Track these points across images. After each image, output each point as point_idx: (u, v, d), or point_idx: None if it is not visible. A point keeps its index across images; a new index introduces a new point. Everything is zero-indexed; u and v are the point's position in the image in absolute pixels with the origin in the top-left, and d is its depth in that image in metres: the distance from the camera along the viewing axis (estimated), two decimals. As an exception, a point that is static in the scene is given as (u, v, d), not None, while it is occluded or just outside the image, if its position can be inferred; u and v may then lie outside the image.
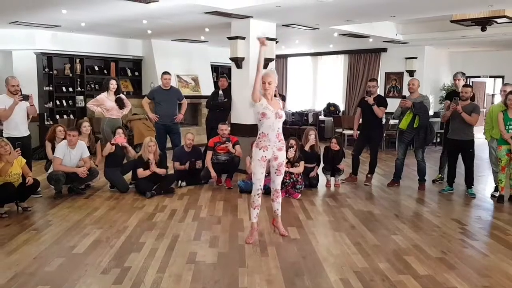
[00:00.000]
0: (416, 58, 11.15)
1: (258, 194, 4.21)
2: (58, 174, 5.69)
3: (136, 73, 11.00)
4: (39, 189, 5.58)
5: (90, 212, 5.15)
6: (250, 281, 3.35)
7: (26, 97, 5.60)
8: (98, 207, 5.36)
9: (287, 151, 6.00)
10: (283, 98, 7.46)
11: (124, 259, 3.73)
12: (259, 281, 3.35)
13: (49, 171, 6.00)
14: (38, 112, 6.41)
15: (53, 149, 6.11)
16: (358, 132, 6.93)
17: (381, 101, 6.70)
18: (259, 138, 4.11)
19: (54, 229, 4.52)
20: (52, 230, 4.48)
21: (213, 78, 11.55)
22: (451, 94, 6.72)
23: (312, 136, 6.48)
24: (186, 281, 3.31)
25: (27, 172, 5.21)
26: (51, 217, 4.94)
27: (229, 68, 8.37)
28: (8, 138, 5.46)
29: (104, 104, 7.03)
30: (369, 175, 6.86)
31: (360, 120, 6.95)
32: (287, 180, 5.92)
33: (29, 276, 3.38)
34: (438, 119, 10.49)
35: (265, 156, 4.10)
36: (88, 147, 6.20)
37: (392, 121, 10.36)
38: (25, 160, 5.25)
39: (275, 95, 4.04)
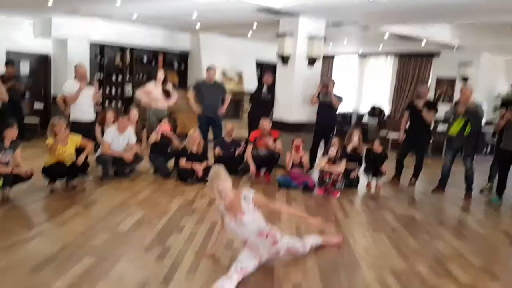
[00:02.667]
0: (470, 64, 10.73)
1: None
2: (106, 157, 5.92)
3: (182, 66, 11.25)
4: (88, 171, 5.80)
5: (134, 194, 5.34)
6: (286, 271, 3.36)
7: (91, 84, 5.84)
8: (142, 190, 5.54)
9: (328, 150, 5.97)
10: (340, 98, 7.40)
11: (165, 239, 3.85)
12: (295, 272, 3.36)
13: (98, 153, 6.24)
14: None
15: (102, 133, 6.36)
16: (404, 136, 6.79)
17: (431, 106, 6.52)
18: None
19: (101, 207, 4.73)
20: (99, 207, 4.71)
21: (257, 74, 11.62)
22: (508, 103, 6.45)
23: (355, 137, 6.39)
24: (223, 266, 3.35)
25: (85, 144, 5.41)
26: (98, 196, 5.18)
27: (274, 66, 8.39)
28: (73, 122, 5.75)
29: (151, 93, 7.25)
30: (413, 179, 6.70)
31: (407, 124, 6.80)
32: (327, 179, 5.88)
33: (77, 248, 3.56)
34: (491, 128, 10.09)
35: (261, 256, 3.34)
36: (136, 134, 6.40)
37: (440, 128, 10.06)
38: (80, 139, 5.44)
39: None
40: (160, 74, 7.37)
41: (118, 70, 10.37)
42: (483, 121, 6.52)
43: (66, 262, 3.28)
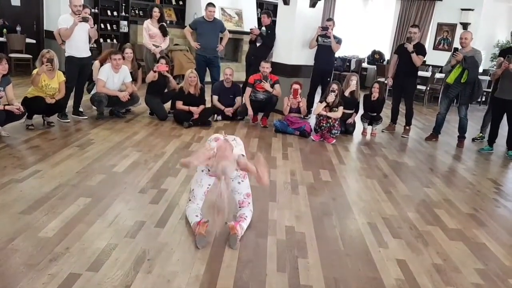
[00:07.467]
0: (472, 10, 10.40)
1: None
2: (101, 95, 5.82)
3: (180, 2, 10.83)
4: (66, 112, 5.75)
5: (130, 135, 5.32)
6: (280, 215, 3.45)
7: (85, 19, 5.57)
8: (138, 132, 5.52)
9: (327, 95, 5.92)
10: (339, 41, 7.23)
11: (161, 182, 3.89)
12: (289, 216, 3.44)
13: (92, 92, 6.15)
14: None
15: None
16: (392, 80, 6.76)
17: (421, 49, 6.44)
18: None
19: (96, 147, 4.71)
20: (93, 148, 4.68)
21: (257, 14, 11.24)
22: (506, 51, 6.33)
23: (353, 81, 6.35)
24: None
25: (61, 89, 5.33)
26: (93, 136, 5.14)
27: (275, 5, 8.09)
28: (68, 57, 5.60)
29: (150, 30, 7.04)
30: (407, 127, 6.73)
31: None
32: (324, 124, 5.89)
33: (72, 188, 3.58)
34: (487, 77, 9.98)
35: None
36: (131, 73, 6.27)
37: (437, 75, 9.94)
38: (64, 78, 5.36)
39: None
40: (156, 11, 7.11)
41: (113, 4, 9.98)
42: (480, 69, 6.40)
43: (60, 202, 3.27)
